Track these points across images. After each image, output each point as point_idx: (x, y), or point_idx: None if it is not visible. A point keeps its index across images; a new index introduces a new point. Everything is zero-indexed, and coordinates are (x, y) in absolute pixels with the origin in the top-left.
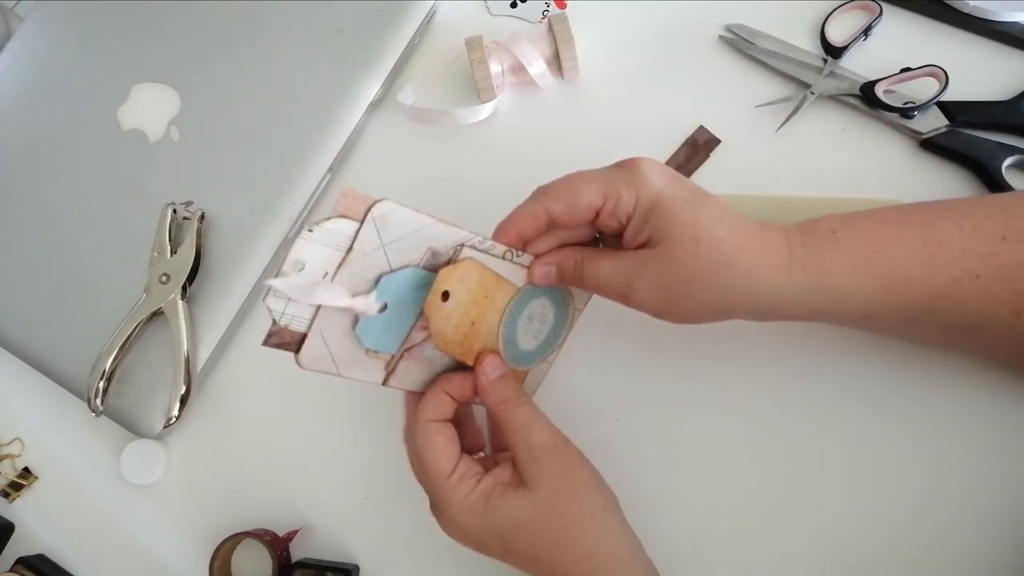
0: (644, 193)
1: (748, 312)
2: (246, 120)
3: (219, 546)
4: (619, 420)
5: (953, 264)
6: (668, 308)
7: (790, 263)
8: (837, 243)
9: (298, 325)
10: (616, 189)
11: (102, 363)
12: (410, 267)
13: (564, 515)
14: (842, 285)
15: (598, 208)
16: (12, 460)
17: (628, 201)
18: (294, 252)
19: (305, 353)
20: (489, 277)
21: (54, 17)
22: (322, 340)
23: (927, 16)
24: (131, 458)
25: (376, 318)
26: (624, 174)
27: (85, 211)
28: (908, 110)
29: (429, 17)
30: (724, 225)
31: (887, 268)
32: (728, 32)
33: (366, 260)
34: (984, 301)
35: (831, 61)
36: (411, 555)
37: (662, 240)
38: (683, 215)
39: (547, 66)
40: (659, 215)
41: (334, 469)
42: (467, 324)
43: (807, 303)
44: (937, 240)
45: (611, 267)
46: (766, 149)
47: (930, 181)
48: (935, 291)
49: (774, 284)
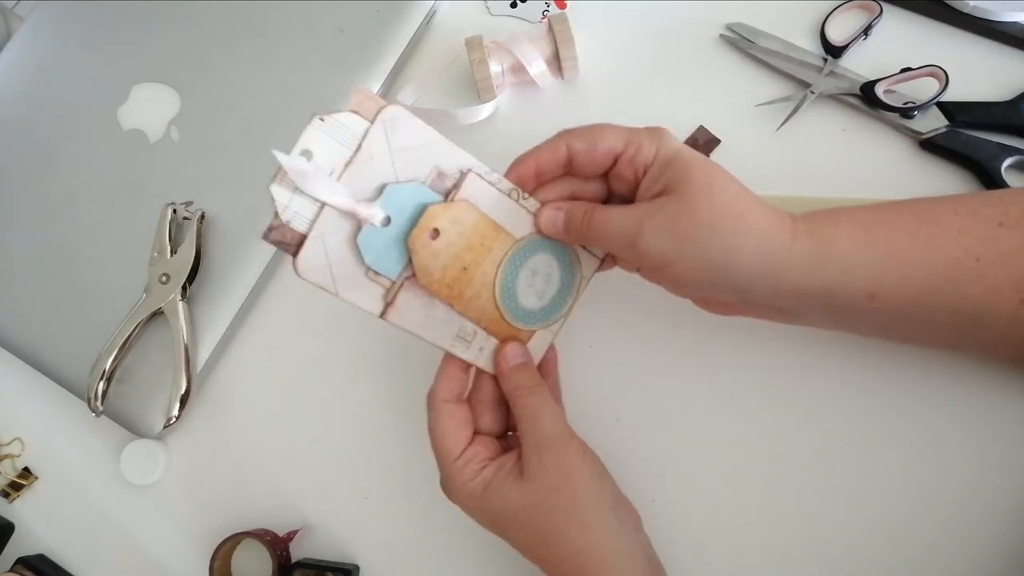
0: (664, 146)
1: (752, 275)
2: (246, 120)
3: (219, 546)
4: (619, 420)
5: (952, 243)
6: (674, 257)
7: (795, 227)
8: (837, 219)
9: (299, 224)
10: (638, 138)
11: (102, 363)
12: (417, 183)
13: (554, 512)
14: (845, 254)
15: (618, 154)
16: (12, 460)
17: (648, 151)
18: (303, 140)
19: (303, 259)
20: (487, 225)
21: (54, 17)
22: (322, 247)
23: (927, 16)
24: (131, 458)
25: (379, 231)
26: (647, 130)
27: (85, 211)
28: (908, 110)
29: (429, 17)
30: (737, 184)
31: (888, 243)
32: (728, 31)
33: (373, 164)
34: (986, 285)
35: (831, 60)
36: (411, 555)
37: (677, 187)
38: (700, 167)
39: (547, 66)
40: (676, 166)
41: (334, 469)
42: (458, 268)
43: (812, 274)
44: (933, 220)
45: (622, 214)
46: (766, 149)
47: (930, 181)
48: (936, 270)
49: (781, 244)
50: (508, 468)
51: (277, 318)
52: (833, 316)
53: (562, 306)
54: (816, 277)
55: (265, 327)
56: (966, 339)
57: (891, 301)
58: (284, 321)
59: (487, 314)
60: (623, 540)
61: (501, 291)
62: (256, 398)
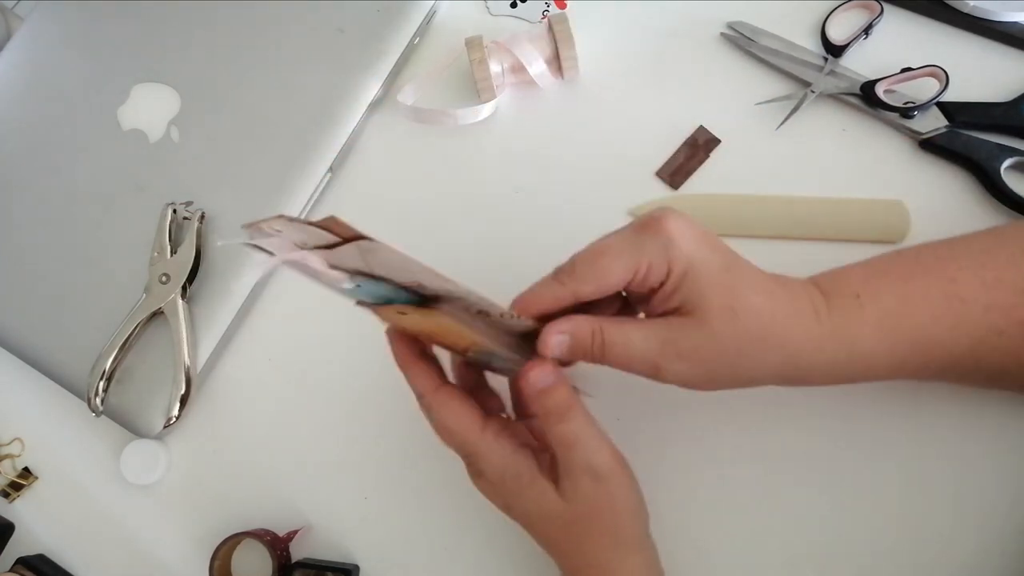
0: (676, 260)
1: (779, 380)
2: (246, 120)
3: (219, 546)
4: (619, 420)
5: (978, 323)
6: (704, 380)
7: (819, 331)
8: (862, 309)
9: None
10: (646, 259)
11: (102, 363)
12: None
13: (591, 534)
14: (872, 351)
15: (629, 282)
16: (12, 460)
17: (659, 270)
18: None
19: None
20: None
21: (54, 17)
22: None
23: (927, 16)
24: (131, 458)
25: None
26: (651, 240)
27: (85, 211)
28: (908, 110)
29: (429, 17)
30: (758, 293)
31: (913, 333)
32: (729, 30)
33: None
34: (1007, 354)
35: (831, 60)
36: (411, 555)
37: (695, 310)
38: (718, 284)
39: (547, 66)
40: (692, 282)
41: (334, 469)
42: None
43: (837, 372)
44: (960, 298)
45: (641, 337)
46: (766, 148)
47: (929, 181)
48: (960, 352)
49: (806, 354)
50: (542, 468)
51: (277, 318)
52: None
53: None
54: (839, 375)
55: (265, 327)
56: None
57: (910, 376)
58: (284, 321)
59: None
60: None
61: (475, 359)
62: (256, 398)
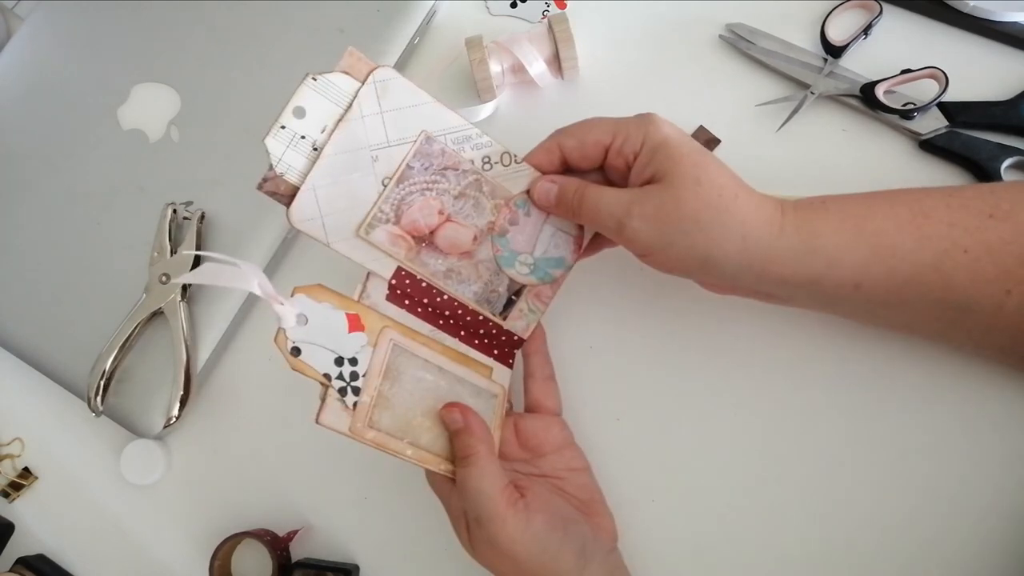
0: (652, 134)
1: (738, 266)
2: (246, 120)
3: (219, 546)
4: (619, 420)
5: (941, 235)
6: (660, 244)
7: (782, 220)
8: (827, 211)
9: (293, 176)
10: (625, 129)
11: (102, 363)
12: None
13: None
14: (832, 248)
15: (607, 145)
16: (12, 460)
17: (635, 139)
18: (296, 98)
19: (296, 209)
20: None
21: (54, 17)
22: (314, 198)
23: (927, 16)
24: (131, 458)
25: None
26: (635, 118)
27: (85, 211)
28: (908, 111)
29: (429, 17)
30: (725, 173)
31: (876, 235)
32: (728, 32)
33: (364, 123)
34: (973, 276)
35: (831, 61)
36: (411, 555)
37: (665, 176)
38: (688, 157)
39: (547, 66)
40: (665, 154)
41: (334, 469)
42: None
43: (797, 265)
44: (924, 213)
45: (612, 196)
46: (766, 149)
47: (929, 182)
48: (924, 261)
49: (766, 236)
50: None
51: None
52: (819, 301)
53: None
54: (801, 269)
55: (265, 327)
56: (953, 329)
57: (876, 290)
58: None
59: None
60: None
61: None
62: (256, 398)
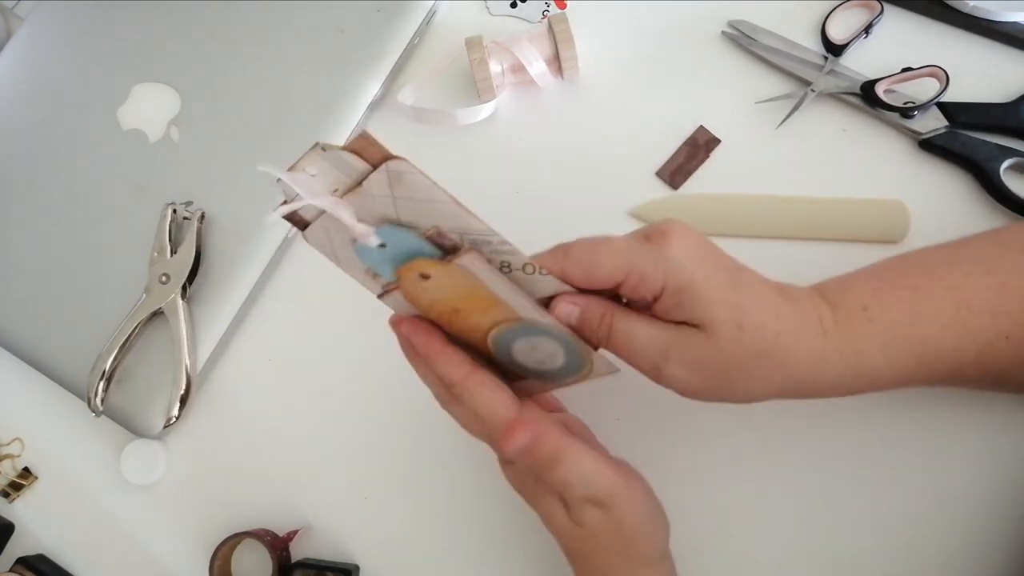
0: (673, 275)
1: (780, 395)
2: (246, 120)
3: (219, 546)
4: (619, 420)
5: (985, 328)
6: (703, 391)
7: (824, 347)
8: (871, 322)
9: (306, 213)
10: (640, 267)
11: (102, 363)
12: (415, 233)
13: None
14: (878, 366)
15: (619, 282)
16: (12, 460)
17: (654, 281)
18: (304, 162)
19: (310, 234)
20: (483, 293)
21: (54, 17)
22: (326, 235)
23: (927, 16)
24: (131, 458)
25: (374, 251)
26: (652, 251)
27: (85, 211)
28: (908, 110)
29: (429, 17)
30: (764, 311)
31: (922, 344)
32: (730, 28)
33: (374, 200)
34: (1012, 358)
35: (831, 59)
36: (411, 555)
37: (701, 323)
38: (723, 298)
39: (547, 66)
40: (695, 297)
41: (334, 469)
42: (448, 308)
43: (841, 387)
44: (968, 305)
45: (647, 334)
46: (766, 148)
47: (929, 182)
48: (966, 359)
49: (811, 370)
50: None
51: (277, 318)
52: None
53: (561, 380)
54: (844, 388)
55: (265, 327)
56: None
57: (913, 385)
58: (284, 321)
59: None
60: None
61: (495, 344)
62: (256, 398)
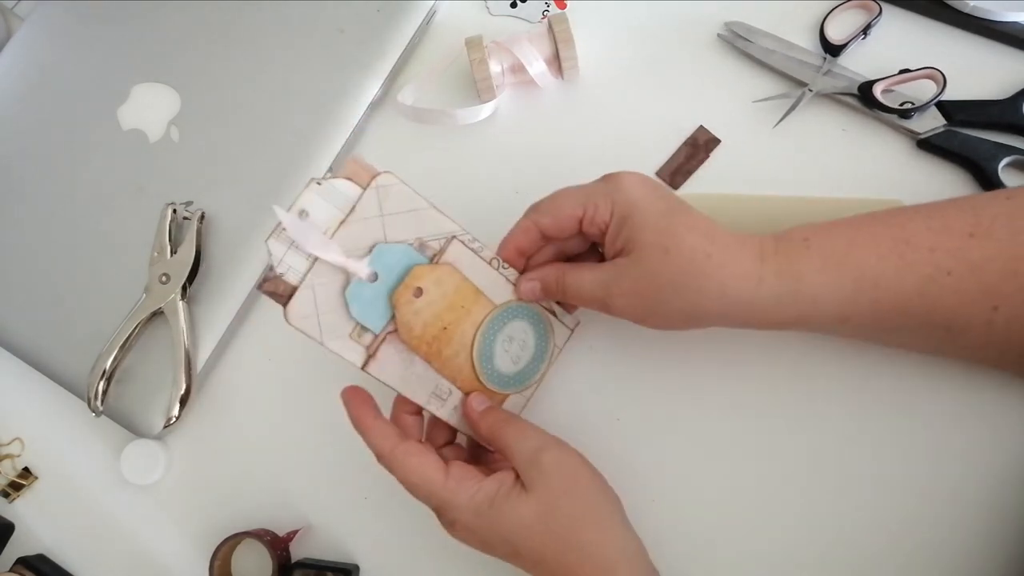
0: (620, 203)
1: (723, 318)
2: (246, 120)
3: (219, 546)
4: (619, 420)
5: (923, 261)
6: (644, 314)
7: (762, 269)
8: (809, 249)
9: (292, 277)
10: (594, 199)
11: (102, 363)
12: (405, 244)
13: (568, 516)
14: (815, 288)
15: (579, 218)
16: (12, 460)
17: (604, 210)
18: (300, 201)
19: (293, 308)
20: (468, 288)
21: (54, 17)
22: (312, 297)
23: (927, 16)
24: (131, 458)
25: (365, 286)
26: (603, 185)
27: (85, 211)
28: (906, 111)
29: (429, 17)
30: (695, 234)
31: (858, 269)
32: (726, 30)
33: (364, 225)
34: (959, 297)
35: (829, 59)
36: (411, 555)
37: (633, 249)
38: (654, 224)
39: (547, 66)
40: (631, 224)
41: (334, 469)
42: (438, 327)
43: (782, 310)
44: (905, 239)
45: (590, 278)
46: (765, 149)
47: (927, 181)
48: (907, 289)
49: (746, 290)
50: (509, 484)
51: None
52: (808, 331)
53: (535, 373)
54: (785, 311)
55: (265, 327)
56: (945, 346)
57: (863, 321)
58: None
59: (464, 374)
60: (632, 541)
61: (479, 354)
62: (256, 398)
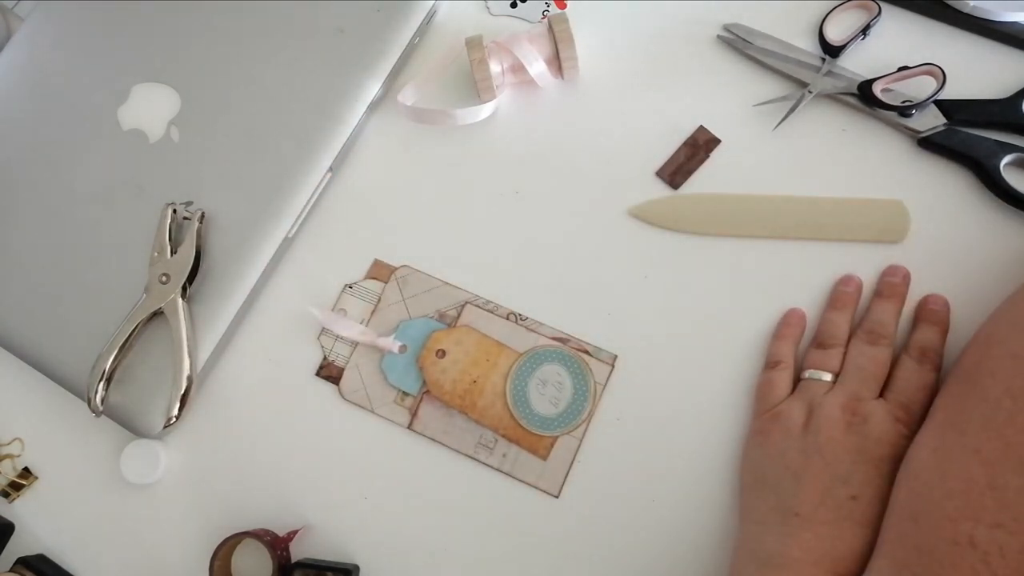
0: None
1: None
2: (246, 120)
3: (219, 546)
4: (619, 420)
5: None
6: None
7: None
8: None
9: (340, 361)
10: None
11: (102, 363)
12: (425, 317)
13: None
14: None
15: None
16: (12, 460)
17: None
18: (341, 303)
19: (344, 385)
20: (489, 343)
21: (54, 17)
22: (358, 375)
23: (926, 16)
24: (131, 458)
25: (398, 357)
26: None
27: (85, 211)
28: (906, 108)
29: (429, 17)
30: None
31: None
32: (726, 32)
33: (390, 309)
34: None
35: (829, 60)
36: (411, 555)
37: None
38: None
39: (547, 66)
40: None
41: (334, 469)
42: (467, 381)
43: None
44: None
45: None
46: (765, 149)
47: (928, 180)
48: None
49: None
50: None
51: (277, 318)
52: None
53: (580, 412)
54: None
55: (265, 327)
56: None
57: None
58: (284, 321)
59: (505, 422)
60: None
61: (512, 400)
62: (256, 398)
